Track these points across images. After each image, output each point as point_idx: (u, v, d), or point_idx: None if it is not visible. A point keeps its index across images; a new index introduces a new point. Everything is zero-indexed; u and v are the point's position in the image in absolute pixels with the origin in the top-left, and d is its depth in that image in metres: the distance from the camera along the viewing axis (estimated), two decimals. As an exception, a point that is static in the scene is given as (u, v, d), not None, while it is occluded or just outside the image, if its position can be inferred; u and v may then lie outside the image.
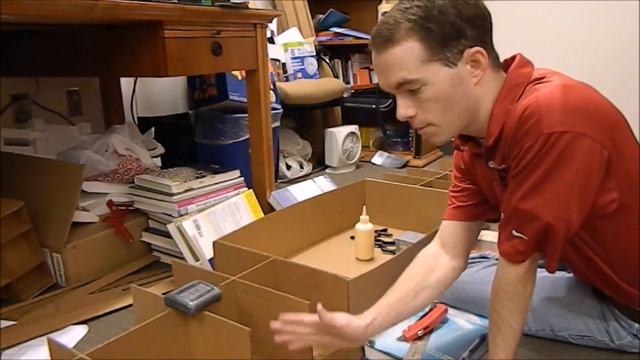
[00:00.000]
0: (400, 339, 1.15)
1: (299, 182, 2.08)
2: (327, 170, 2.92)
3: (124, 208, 1.73)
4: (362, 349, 1.14)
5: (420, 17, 0.86)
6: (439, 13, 0.86)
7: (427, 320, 1.18)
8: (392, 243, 1.75)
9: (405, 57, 0.87)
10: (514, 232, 0.90)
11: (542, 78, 0.91)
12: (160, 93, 2.56)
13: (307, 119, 3.14)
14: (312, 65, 3.01)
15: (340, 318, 0.91)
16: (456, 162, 1.13)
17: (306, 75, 2.97)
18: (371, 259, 1.65)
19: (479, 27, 0.89)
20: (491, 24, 0.92)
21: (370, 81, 3.45)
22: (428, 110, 0.91)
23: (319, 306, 0.90)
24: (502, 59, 0.99)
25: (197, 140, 2.24)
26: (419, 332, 1.15)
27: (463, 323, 1.22)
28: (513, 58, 0.97)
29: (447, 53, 0.87)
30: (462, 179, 1.12)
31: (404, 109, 0.92)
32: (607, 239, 0.97)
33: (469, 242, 1.10)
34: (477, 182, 1.08)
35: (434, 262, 1.08)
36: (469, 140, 1.02)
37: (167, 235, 1.58)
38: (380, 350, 1.11)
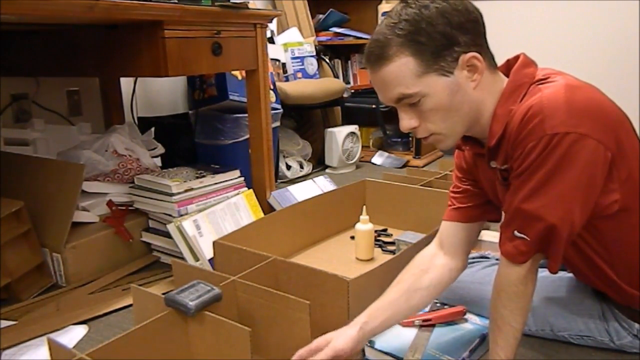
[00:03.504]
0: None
1: (299, 182, 2.08)
2: (327, 170, 2.92)
3: (124, 208, 1.73)
4: (362, 349, 1.14)
5: (410, 31, 0.86)
6: (427, 25, 0.86)
7: (431, 314, 1.19)
8: (392, 243, 1.75)
9: (401, 73, 0.88)
10: (516, 232, 0.90)
11: (546, 78, 0.90)
12: (160, 93, 2.55)
13: (307, 119, 3.14)
14: (312, 65, 3.01)
15: (335, 346, 0.93)
16: (457, 161, 1.12)
17: (306, 75, 2.97)
18: (371, 259, 1.65)
19: (471, 32, 0.88)
20: (484, 25, 0.92)
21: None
22: (430, 120, 0.92)
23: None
24: (503, 60, 0.98)
25: (197, 140, 2.24)
26: (416, 321, 1.15)
27: (463, 323, 1.21)
28: (516, 58, 0.96)
29: (442, 63, 0.87)
30: (462, 178, 1.11)
31: (407, 120, 0.93)
32: (608, 239, 0.97)
33: (468, 242, 1.09)
34: (479, 182, 1.08)
35: (429, 264, 1.08)
36: (469, 140, 1.02)
37: (167, 235, 1.58)
38: (380, 350, 1.11)
